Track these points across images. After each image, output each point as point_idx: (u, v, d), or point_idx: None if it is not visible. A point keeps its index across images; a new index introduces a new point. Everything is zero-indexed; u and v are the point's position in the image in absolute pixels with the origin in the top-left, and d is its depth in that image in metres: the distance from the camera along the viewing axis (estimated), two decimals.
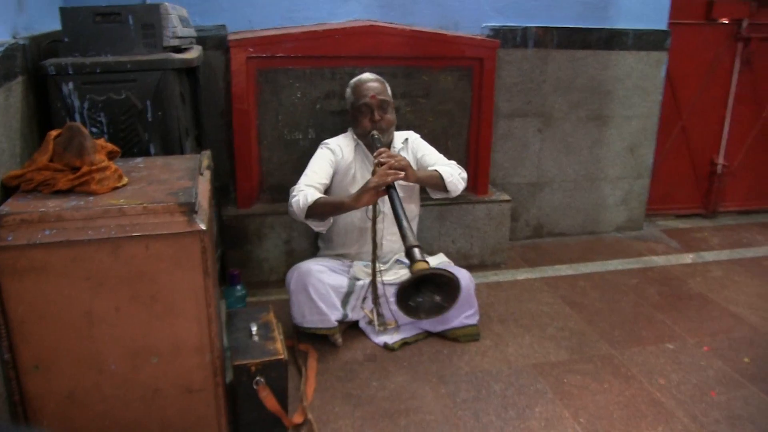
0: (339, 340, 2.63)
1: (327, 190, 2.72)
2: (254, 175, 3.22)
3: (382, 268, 2.71)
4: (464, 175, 2.76)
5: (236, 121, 3.09)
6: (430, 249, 3.41)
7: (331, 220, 2.59)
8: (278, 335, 2.13)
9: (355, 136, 2.76)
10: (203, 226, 1.59)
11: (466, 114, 3.44)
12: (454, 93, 3.38)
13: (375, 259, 2.57)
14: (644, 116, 3.96)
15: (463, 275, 2.69)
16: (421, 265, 1.99)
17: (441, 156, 2.85)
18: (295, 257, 3.22)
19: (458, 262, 3.38)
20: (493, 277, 3.41)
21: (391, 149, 2.77)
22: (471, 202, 3.45)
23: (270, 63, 3.06)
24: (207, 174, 1.97)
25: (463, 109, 3.43)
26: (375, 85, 2.71)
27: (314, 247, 3.20)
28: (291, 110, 3.18)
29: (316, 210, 2.47)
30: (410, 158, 2.81)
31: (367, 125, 2.69)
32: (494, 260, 3.55)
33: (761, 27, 4.16)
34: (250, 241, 3.18)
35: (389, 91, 2.78)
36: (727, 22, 4.12)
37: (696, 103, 4.27)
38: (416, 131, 3.03)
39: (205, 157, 2.12)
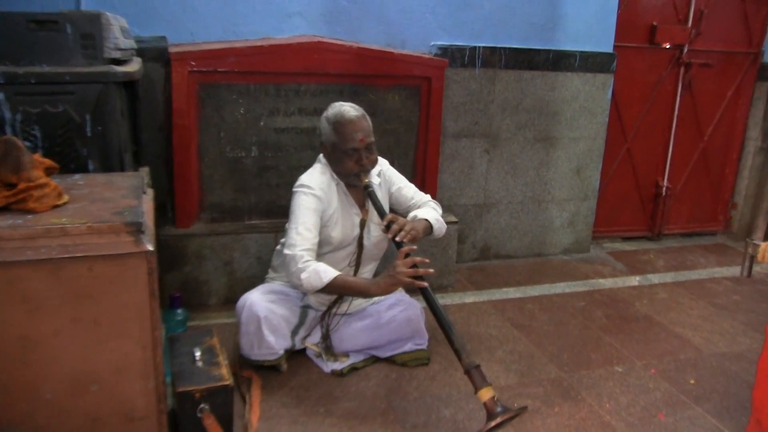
0: (284, 366, 2.61)
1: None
2: (194, 194, 3.19)
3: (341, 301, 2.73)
4: (440, 211, 2.76)
5: (176, 137, 3.07)
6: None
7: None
8: (223, 360, 2.13)
9: (334, 175, 2.59)
10: (150, 247, 1.60)
11: (413, 133, 3.48)
12: (401, 112, 3.42)
13: (338, 300, 2.63)
14: (591, 138, 4.07)
15: (415, 308, 2.72)
16: (489, 391, 2.10)
17: (415, 188, 2.81)
18: (236, 280, 3.20)
19: (407, 288, 3.41)
20: (440, 300, 3.35)
21: (373, 188, 2.64)
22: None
23: (212, 77, 3.04)
24: (150, 192, 1.98)
25: (410, 128, 3.47)
26: (363, 125, 2.52)
27: (257, 269, 3.19)
28: (234, 127, 3.17)
29: (330, 290, 2.40)
30: (384, 191, 2.76)
31: (353, 168, 2.53)
32: (441, 283, 3.57)
33: (699, 54, 4.37)
34: (189, 263, 3.14)
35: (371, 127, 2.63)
36: (668, 46, 4.33)
37: (641, 125, 4.42)
38: None
39: (145, 174, 2.12)
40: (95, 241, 1.57)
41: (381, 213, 2.54)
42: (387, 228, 2.46)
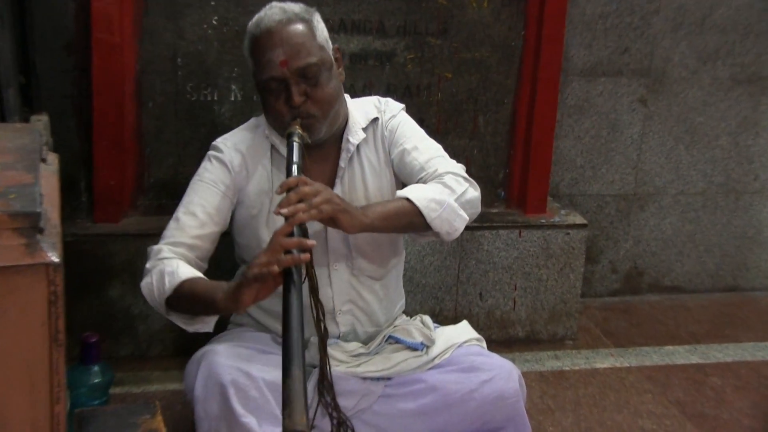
0: None
1: (228, 238, 2.68)
2: (128, 164, 3.22)
3: (355, 350, 2.67)
4: (474, 194, 2.66)
5: (98, 64, 3.07)
6: (436, 308, 3.46)
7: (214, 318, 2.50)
8: None
9: (267, 131, 2.67)
10: (54, 257, 1.54)
11: (513, 68, 3.48)
12: (491, 30, 3.41)
13: (324, 347, 2.50)
14: None
15: (509, 376, 2.60)
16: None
17: (436, 151, 2.73)
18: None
19: (492, 335, 3.45)
20: (552, 362, 3.44)
21: (347, 147, 2.68)
22: (514, 227, 3.47)
23: None
24: (53, 160, 1.92)
25: (508, 59, 3.46)
26: (289, 35, 2.51)
27: None
28: (200, 49, 3.21)
29: (180, 304, 2.42)
30: (380, 155, 2.75)
31: (283, 112, 2.54)
32: (554, 332, 3.59)
33: None
34: (114, 283, 3.15)
35: (321, 36, 2.60)
36: None
37: None
38: (421, 98, 2.98)
39: (43, 128, 2.03)
40: None
41: (288, 172, 2.46)
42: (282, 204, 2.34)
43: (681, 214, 3.99)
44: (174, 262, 2.43)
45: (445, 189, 2.58)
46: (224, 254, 2.90)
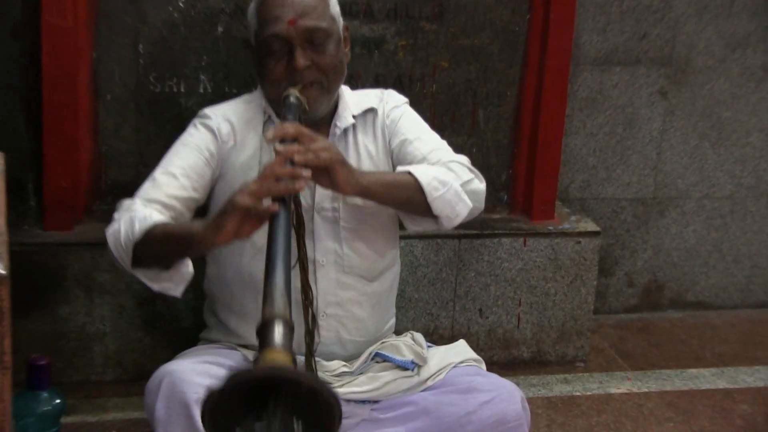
0: None
1: (199, 212, 2.68)
2: (83, 164, 3.22)
3: (338, 369, 2.67)
4: (479, 186, 2.70)
5: (48, 51, 3.07)
6: (431, 326, 3.47)
7: (188, 271, 2.49)
8: None
9: (264, 102, 2.73)
10: (1, 269, 1.53)
11: (516, 56, 3.49)
12: (492, 13, 3.42)
13: (311, 353, 2.52)
14: None
15: (512, 398, 2.59)
16: (275, 357, 1.87)
17: (437, 144, 2.79)
18: (160, 336, 3.24)
19: (493, 356, 3.45)
20: (561, 387, 3.44)
21: (333, 131, 2.72)
22: (518, 234, 3.49)
23: None
24: None
25: (511, 45, 3.47)
26: None
27: (199, 315, 3.10)
28: (164, 34, 3.21)
29: (150, 250, 2.41)
30: (378, 145, 2.79)
31: (281, 78, 2.60)
32: (564, 353, 3.61)
33: None
34: (67, 298, 3.15)
35: (334, 8, 2.71)
36: None
37: None
38: (413, 90, 2.98)
39: None
40: None
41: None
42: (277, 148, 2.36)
43: (706, 221, 3.99)
44: (147, 210, 2.43)
45: (450, 172, 2.61)
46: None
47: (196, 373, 2.42)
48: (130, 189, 3.12)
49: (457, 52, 3.38)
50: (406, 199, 2.53)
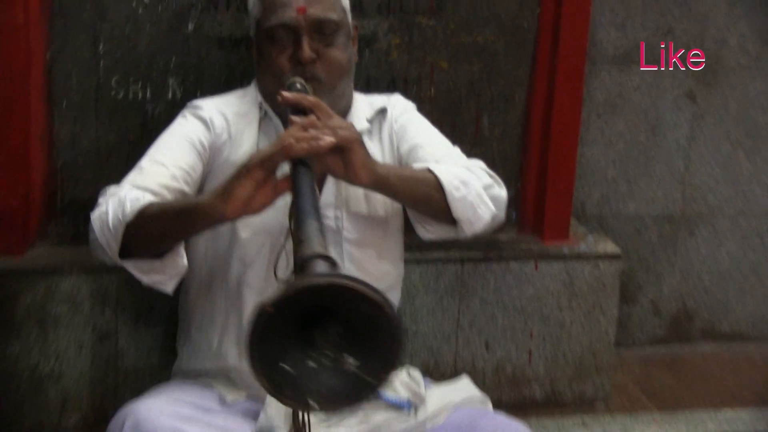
0: None
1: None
2: (35, 180, 3.25)
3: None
4: (500, 193, 2.74)
5: None
6: (431, 361, 3.49)
7: (182, 263, 2.50)
8: None
9: (260, 97, 2.76)
10: None
11: (525, 54, 3.53)
12: (497, 6, 3.47)
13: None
14: None
15: None
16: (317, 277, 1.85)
17: (449, 149, 2.85)
18: (122, 378, 3.22)
19: (501, 395, 3.46)
20: (578, 430, 3.47)
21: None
22: (529, 257, 3.50)
23: None
24: None
25: (518, 42, 3.51)
26: None
27: (169, 350, 3.12)
28: (127, 33, 3.24)
29: (144, 233, 2.39)
30: (386, 150, 2.84)
31: (284, 68, 2.64)
32: (581, 392, 3.61)
33: None
34: (17, 333, 3.14)
35: (346, 3, 2.78)
36: None
37: None
38: (409, 94, 3.00)
39: None
40: None
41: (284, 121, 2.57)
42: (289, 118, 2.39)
43: (741, 241, 4.00)
44: (139, 192, 2.43)
45: (471, 174, 2.65)
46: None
47: (163, 415, 2.43)
48: (88, 207, 3.13)
49: (457, 50, 3.41)
50: (424, 196, 2.55)
